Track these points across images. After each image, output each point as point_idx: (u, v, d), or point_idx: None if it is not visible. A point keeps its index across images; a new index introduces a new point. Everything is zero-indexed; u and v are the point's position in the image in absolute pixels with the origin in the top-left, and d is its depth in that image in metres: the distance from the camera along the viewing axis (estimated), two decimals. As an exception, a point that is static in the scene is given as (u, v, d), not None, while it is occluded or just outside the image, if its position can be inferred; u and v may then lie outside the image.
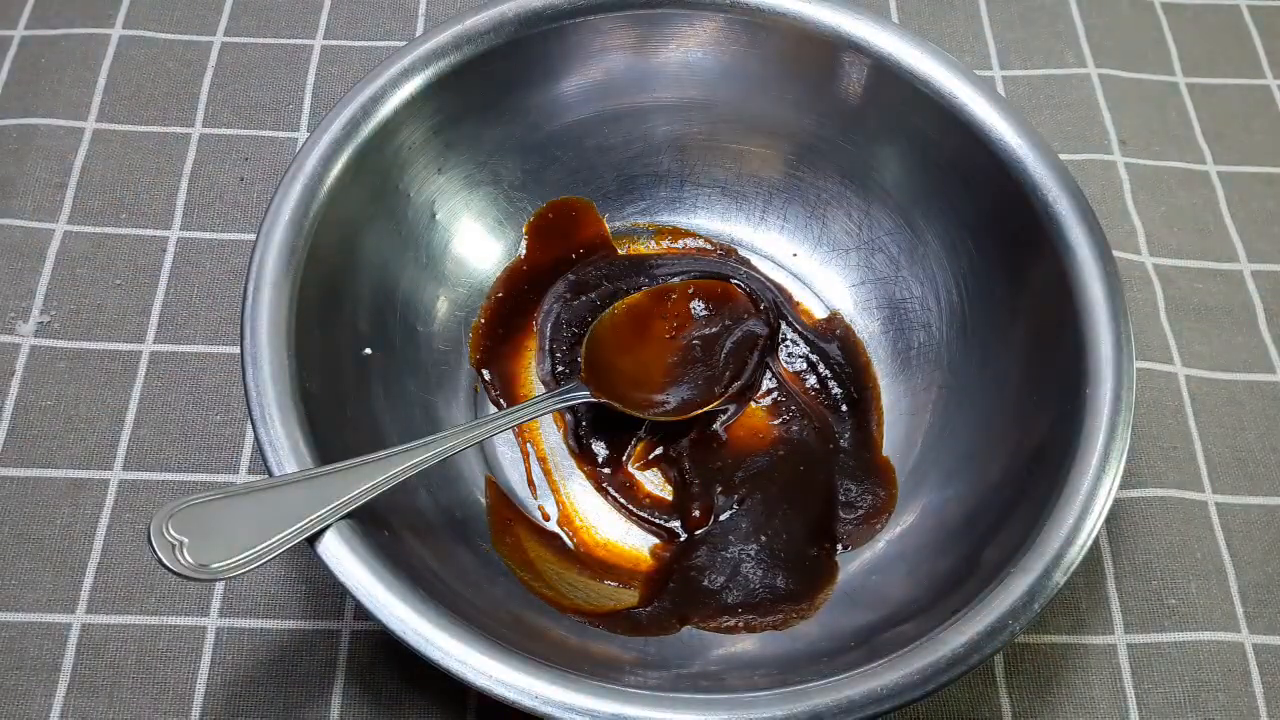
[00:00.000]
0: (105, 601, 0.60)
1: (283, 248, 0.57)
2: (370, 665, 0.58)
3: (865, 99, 0.68)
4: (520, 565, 0.60)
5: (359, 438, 0.58)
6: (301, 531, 0.50)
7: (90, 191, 0.73)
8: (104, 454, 0.64)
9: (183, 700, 0.57)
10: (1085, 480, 0.53)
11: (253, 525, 0.49)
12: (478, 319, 0.68)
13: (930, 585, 0.57)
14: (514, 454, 0.65)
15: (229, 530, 0.49)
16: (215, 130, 0.76)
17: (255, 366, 0.54)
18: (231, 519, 0.49)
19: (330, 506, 0.51)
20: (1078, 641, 0.61)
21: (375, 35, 0.81)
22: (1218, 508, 0.65)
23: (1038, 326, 0.61)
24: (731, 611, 0.59)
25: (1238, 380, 0.70)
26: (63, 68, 0.78)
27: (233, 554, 0.48)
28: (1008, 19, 0.85)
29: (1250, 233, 0.76)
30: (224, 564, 0.48)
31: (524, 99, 0.68)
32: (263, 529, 0.49)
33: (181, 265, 0.71)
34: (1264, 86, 0.83)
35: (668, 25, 0.67)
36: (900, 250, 0.69)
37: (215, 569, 0.48)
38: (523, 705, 0.48)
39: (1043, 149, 0.62)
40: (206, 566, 0.48)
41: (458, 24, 0.64)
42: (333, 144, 0.60)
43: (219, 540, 0.48)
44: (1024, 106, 0.80)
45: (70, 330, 0.68)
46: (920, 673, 0.49)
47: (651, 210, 0.73)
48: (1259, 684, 0.60)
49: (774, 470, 0.64)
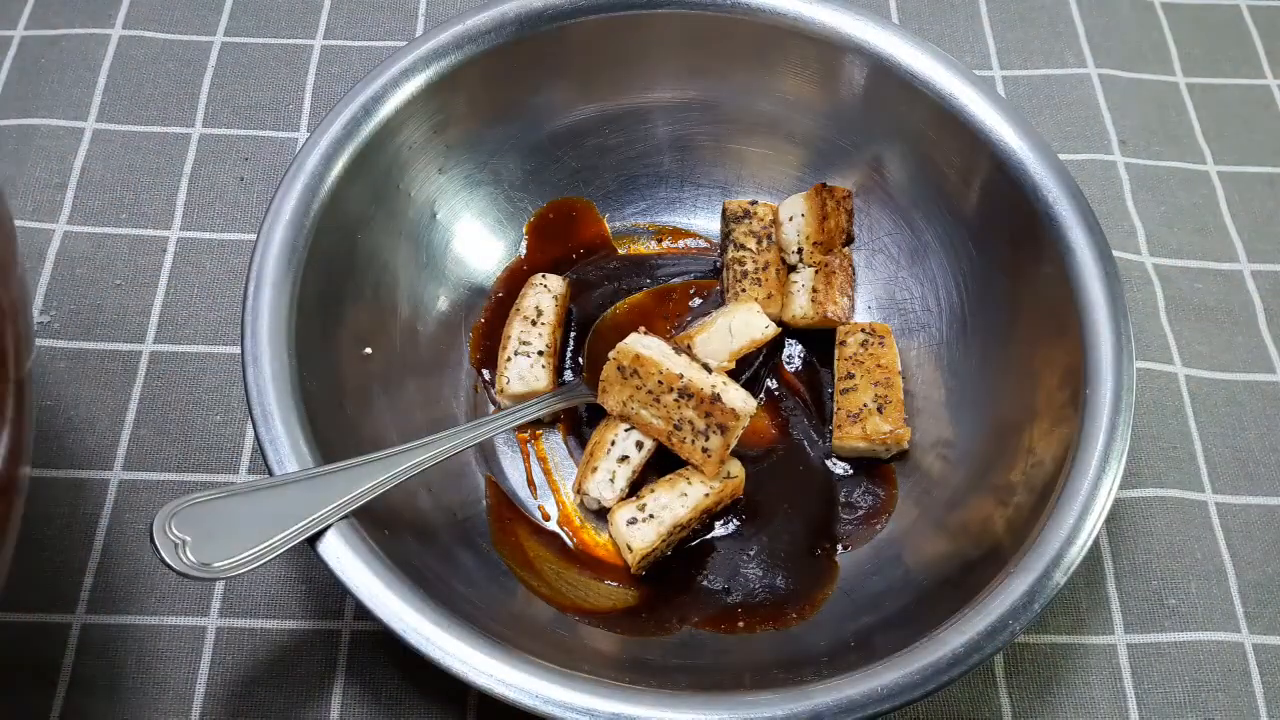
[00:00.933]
0: (105, 601, 0.60)
1: (283, 247, 0.57)
2: (370, 665, 0.58)
3: (865, 99, 0.68)
4: (520, 565, 0.60)
5: (359, 437, 0.58)
6: (303, 530, 0.50)
7: (90, 191, 0.73)
8: (104, 454, 0.64)
9: (183, 700, 0.57)
10: (1085, 480, 0.53)
11: (255, 524, 0.49)
12: (478, 319, 0.68)
13: (930, 586, 0.57)
14: (514, 454, 0.65)
15: (231, 529, 0.49)
16: (215, 130, 0.76)
17: (255, 366, 0.54)
18: (234, 518, 0.49)
19: (332, 506, 0.51)
20: (1078, 641, 0.61)
21: (375, 35, 0.81)
22: (1218, 508, 0.65)
23: (1038, 327, 0.61)
24: (731, 611, 0.59)
25: (1238, 380, 0.70)
26: (63, 68, 0.78)
27: (235, 553, 0.48)
28: (1008, 19, 0.85)
29: (1250, 233, 0.76)
30: (226, 563, 0.48)
31: (524, 99, 0.68)
32: (265, 528, 0.49)
33: (181, 265, 0.71)
34: (1264, 86, 0.83)
35: (668, 25, 0.67)
36: (900, 250, 0.69)
37: (218, 568, 0.48)
38: (523, 705, 0.48)
39: (1043, 149, 0.62)
40: (209, 565, 0.48)
41: (458, 24, 0.65)
42: (333, 144, 0.60)
43: (221, 539, 0.48)
44: (1024, 106, 0.80)
45: (70, 330, 0.68)
46: (920, 673, 0.49)
47: (651, 210, 0.73)
48: (1259, 684, 0.60)
49: (774, 470, 0.64)
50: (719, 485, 0.60)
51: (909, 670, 0.49)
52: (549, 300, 0.66)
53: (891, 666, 0.49)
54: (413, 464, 0.54)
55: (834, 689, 0.49)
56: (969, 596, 0.52)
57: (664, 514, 0.59)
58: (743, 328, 0.63)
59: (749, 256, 0.68)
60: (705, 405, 0.58)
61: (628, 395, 0.60)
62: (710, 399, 0.58)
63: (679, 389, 0.59)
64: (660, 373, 0.59)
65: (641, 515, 0.59)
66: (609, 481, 0.61)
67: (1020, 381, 0.61)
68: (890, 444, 0.63)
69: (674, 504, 0.59)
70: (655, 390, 0.59)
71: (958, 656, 0.49)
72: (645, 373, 0.59)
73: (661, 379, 0.59)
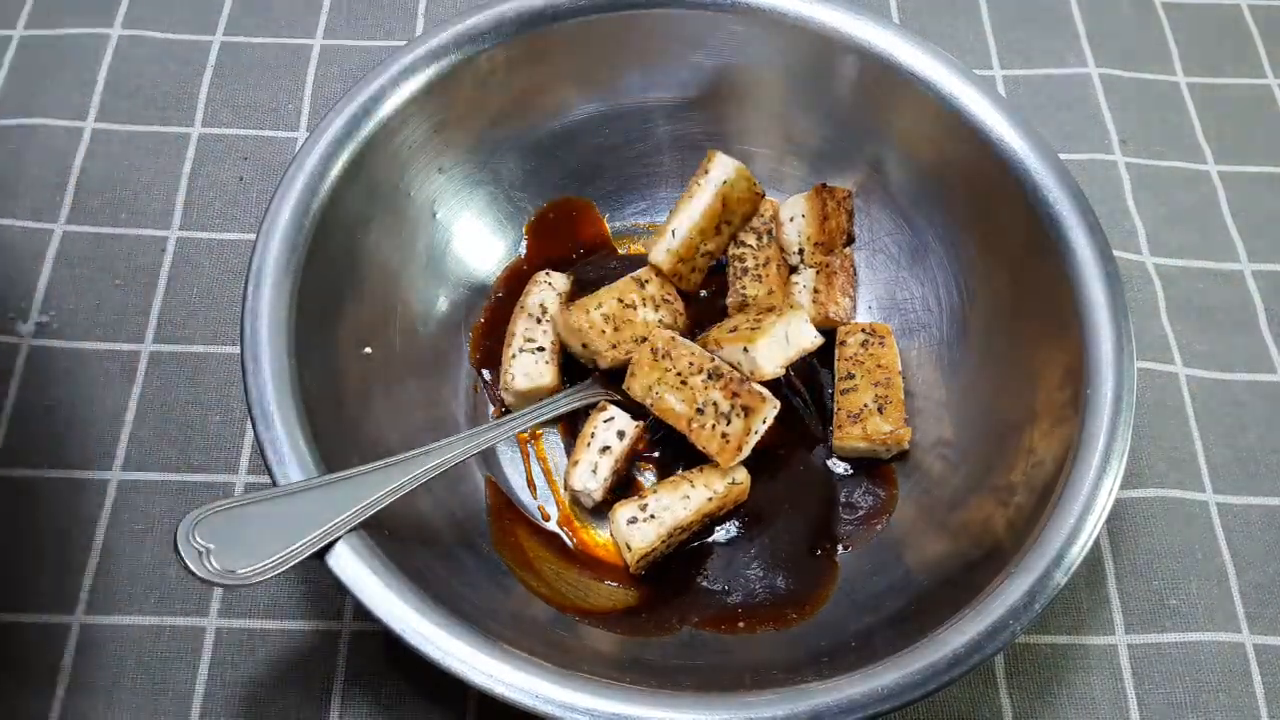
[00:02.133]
0: (105, 602, 0.60)
1: (283, 247, 0.57)
2: (370, 665, 0.58)
3: (865, 99, 0.68)
4: (520, 565, 0.60)
5: (359, 437, 0.58)
6: (323, 538, 0.50)
7: (90, 191, 0.73)
8: (104, 454, 0.64)
9: (183, 700, 0.57)
10: (1086, 480, 0.53)
11: (274, 531, 0.49)
12: (478, 319, 0.68)
13: (931, 586, 0.57)
14: (514, 455, 0.65)
15: (251, 536, 0.49)
16: (215, 130, 0.76)
17: (255, 366, 0.54)
18: (254, 525, 0.49)
19: (349, 512, 0.51)
20: (1078, 642, 0.61)
21: (375, 35, 0.81)
22: (1219, 508, 0.65)
23: (1038, 327, 0.61)
24: (731, 612, 0.59)
25: (1238, 380, 0.70)
26: (63, 68, 0.78)
27: (257, 560, 0.48)
28: (1008, 19, 0.85)
29: (1251, 233, 0.76)
30: (249, 569, 0.48)
31: (524, 99, 0.68)
32: (284, 535, 0.49)
33: (181, 265, 0.71)
34: (1264, 86, 0.83)
35: (668, 25, 0.67)
36: (900, 250, 0.69)
37: (241, 574, 0.48)
38: (523, 705, 0.48)
39: (1043, 149, 0.62)
40: (233, 573, 0.48)
41: (458, 24, 0.65)
42: (333, 143, 0.60)
43: (243, 546, 0.48)
44: (1024, 106, 0.80)
45: (70, 330, 0.68)
46: (920, 673, 0.49)
47: (651, 210, 0.73)
48: (1260, 684, 0.60)
49: (774, 470, 0.64)
50: (723, 490, 0.60)
51: (909, 670, 0.49)
52: (553, 297, 0.66)
53: (891, 666, 0.49)
54: (428, 468, 0.54)
55: (834, 689, 0.48)
56: (969, 596, 0.52)
57: (665, 515, 0.59)
58: (796, 336, 0.63)
59: (749, 253, 0.68)
60: (733, 385, 0.59)
61: (656, 378, 0.61)
62: (740, 380, 0.59)
63: (710, 369, 0.60)
64: (692, 354, 0.60)
65: (643, 515, 0.59)
66: (591, 473, 0.61)
67: (1020, 381, 0.61)
68: (890, 444, 0.63)
69: (675, 505, 0.59)
70: (685, 372, 0.60)
71: (958, 656, 0.49)
72: (677, 354, 0.60)
73: (693, 361, 0.60)
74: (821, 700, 0.48)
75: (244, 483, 0.63)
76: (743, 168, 0.65)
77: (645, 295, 0.65)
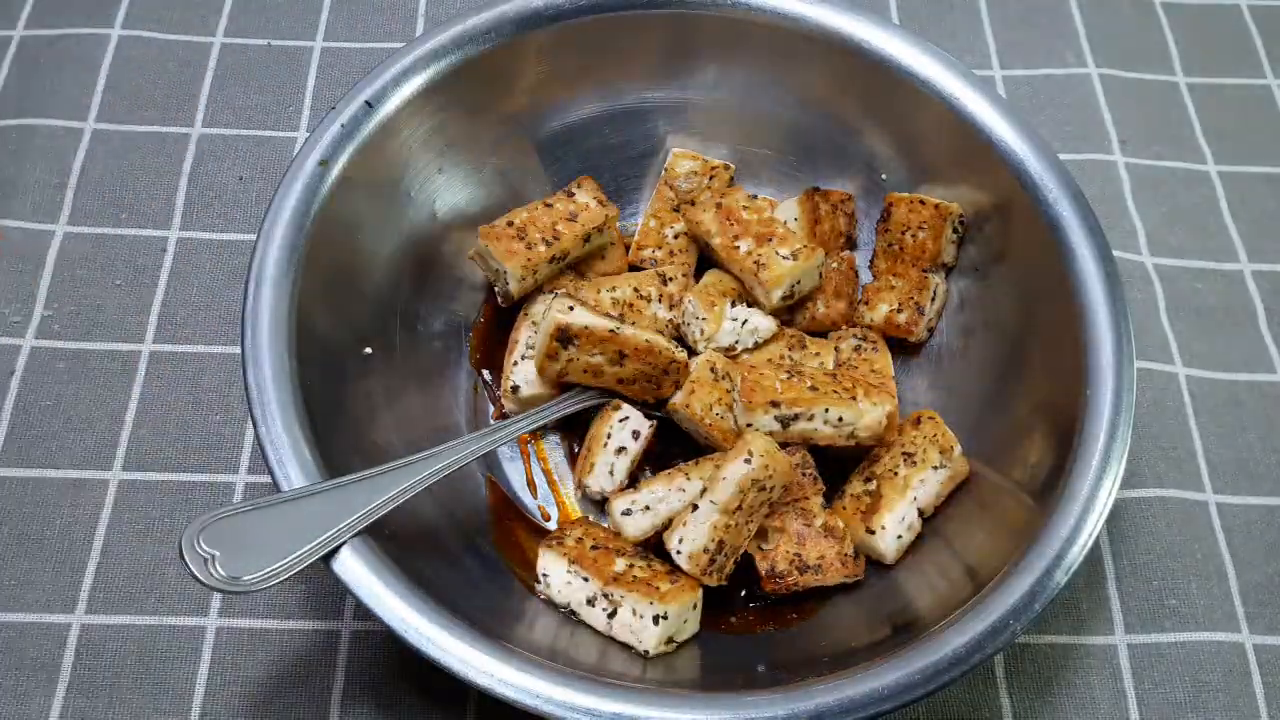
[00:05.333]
0: (105, 601, 0.60)
1: (283, 247, 0.57)
2: (370, 665, 0.58)
3: (865, 99, 0.68)
4: (520, 565, 0.60)
5: (359, 437, 0.58)
6: (327, 543, 0.50)
7: (90, 192, 0.73)
8: (104, 454, 0.64)
9: (183, 700, 0.57)
10: (1086, 480, 0.53)
11: (279, 537, 0.49)
12: (478, 319, 0.68)
13: (931, 586, 0.57)
14: (515, 455, 0.65)
15: (258, 543, 0.49)
16: (215, 130, 0.76)
17: (255, 366, 0.54)
18: (259, 531, 0.49)
19: (353, 518, 0.51)
20: (1078, 642, 0.61)
21: (375, 36, 0.81)
22: (1218, 508, 0.65)
23: (1038, 327, 0.61)
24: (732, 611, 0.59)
25: (1238, 380, 0.70)
26: (63, 68, 0.78)
27: (262, 566, 0.48)
28: (1008, 19, 0.85)
29: (1250, 233, 0.76)
30: (255, 576, 0.48)
31: (524, 99, 0.68)
32: (289, 541, 0.49)
33: (181, 265, 0.71)
34: (1264, 86, 0.83)
35: (668, 26, 0.67)
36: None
37: (247, 581, 0.48)
38: (523, 704, 0.48)
39: (1043, 149, 0.62)
40: (239, 579, 0.48)
41: (458, 24, 0.65)
42: (333, 144, 0.60)
43: (248, 553, 0.48)
44: (1024, 106, 0.80)
45: (70, 330, 0.68)
46: (921, 673, 0.49)
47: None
48: (1260, 684, 0.60)
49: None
50: None
51: (909, 670, 0.49)
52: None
53: (892, 666, 0.49)
54: (432, 472, 0.54)
55: (834, 689, 0.49)
56: (970, 596, 0.52)
57: (660, 506, 0.59)
58: None
59: None
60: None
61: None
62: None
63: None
64: None
65: (637, 506, 0.59)
66: (609, 474, 0.61)
67: (1020, 382, 0.61)
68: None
69: (670, 498, 0.59)
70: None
71: (958, 656, 0.49)
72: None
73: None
74: (821, 700, 0.48)
75: (244, 483, 0.63)
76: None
77: (662, 291, 0.65)
